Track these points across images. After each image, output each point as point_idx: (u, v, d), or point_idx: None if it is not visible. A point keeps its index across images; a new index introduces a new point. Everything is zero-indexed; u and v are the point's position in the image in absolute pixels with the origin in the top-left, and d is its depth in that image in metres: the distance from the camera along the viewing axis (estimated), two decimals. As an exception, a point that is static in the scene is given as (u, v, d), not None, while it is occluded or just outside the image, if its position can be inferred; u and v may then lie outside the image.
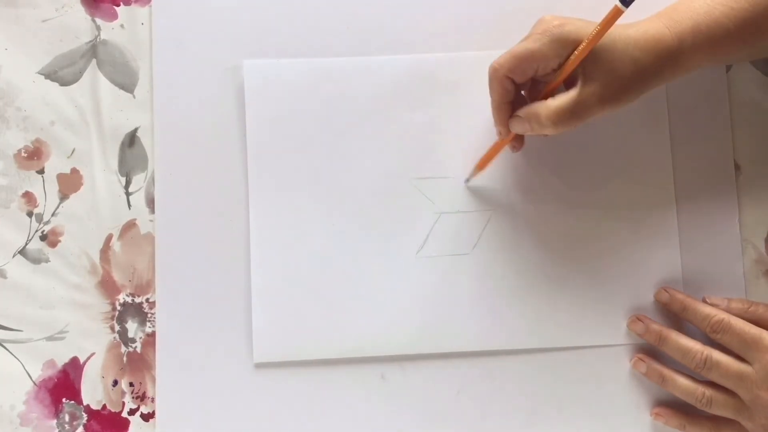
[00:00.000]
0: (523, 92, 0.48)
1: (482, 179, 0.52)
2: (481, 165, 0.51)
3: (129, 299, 0.52)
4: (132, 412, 0.52)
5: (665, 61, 0.45)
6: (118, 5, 0.54)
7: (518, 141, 0.50)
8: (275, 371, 0.51)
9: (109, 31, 0.53)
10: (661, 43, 0.45)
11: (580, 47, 0.43)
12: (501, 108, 0.47)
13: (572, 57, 0.44)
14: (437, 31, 0.53)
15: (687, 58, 0.46)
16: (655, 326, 0.50)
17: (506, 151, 0.51)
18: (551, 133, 0.46)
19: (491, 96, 0.47)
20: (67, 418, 0.52)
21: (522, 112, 0.46)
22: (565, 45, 0.44)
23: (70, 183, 0.53)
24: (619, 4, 0.40)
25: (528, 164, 0.52)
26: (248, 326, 0.51)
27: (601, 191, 0.52)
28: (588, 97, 0.44)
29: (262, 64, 0.52)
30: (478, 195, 0.52)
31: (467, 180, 0.52)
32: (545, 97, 0.46)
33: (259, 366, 0.51)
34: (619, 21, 0.42)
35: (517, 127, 0.47)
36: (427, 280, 0.51)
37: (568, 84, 0.46)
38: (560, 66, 0.45)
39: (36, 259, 0.52)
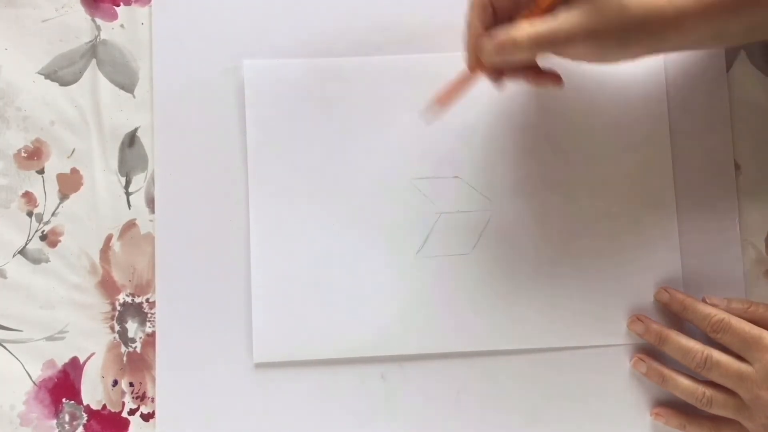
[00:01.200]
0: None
1: (483, 178, 0.52)
2: (442, 101, 0.48)
3: (129, 299, 0.52)
4: (132, 412, 0.52)
5: (654, 16, 0.41)
6: (118, 5, 0.54)
7: (496, 75, 0.46)
8: (275, 371, 0.51)
9: (109, 31, 0.53)
10: None
11: None
12: (476, 33, 0.44)
13: None
14: (437, 31, 0.53)
15: (677, 19, 0.41)
16: (655, 326, 0.50)
17: (506, 151, 0.51)
18: (527, 58, 0.43)
19: (469, 21, 0.45)
20: (67, 418, 0.52)
21: (495, 33, 0.43)
22: None
23: (70, 183, 0.53)
24: None
25: (528, 164, 0.52)
26: (248, 326, 0.51)
27: (601, 191, 0.52)
28: (567, 23, 0.41)
29: (262, 65, 0.52)
30: (478, 195, 0.52)
31: (424, 112, 0.50)
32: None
33: (259, 366, 0.51)
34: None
35: (487, 53, 0.44)
36: (427, 280, 0.51)
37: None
38: None
39: (36, 259, 0.52)
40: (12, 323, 0.52)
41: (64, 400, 0.52)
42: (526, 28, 0.42)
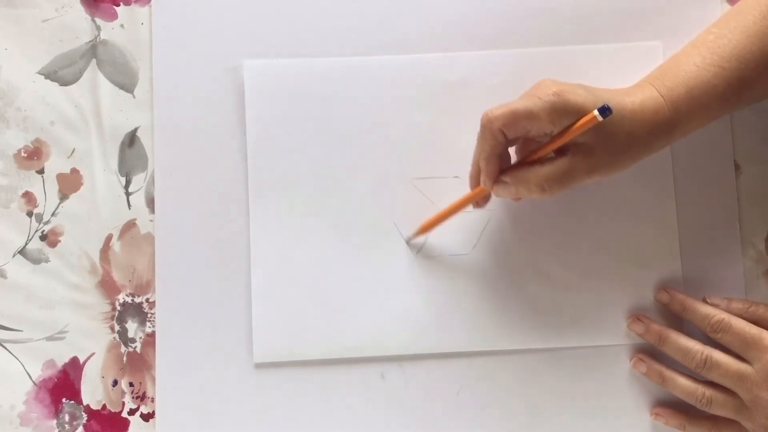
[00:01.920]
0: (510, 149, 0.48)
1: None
2: (430, 225, 0.50)
3: (129, 299, 0.52)
4: (132, 412, 0.52)
5: (660, 133, 0.45)
6: (118, 5, 0.54)
7: (484, 199, 0.49)
8: (275, 371, 0.51)
9: (109, 31, 0.53)
10: (657, 115, 0.45)
11: (577, 125, 0.43)
12: (490, 160, 0.46)
13: (568, 130, 0.43)
14: (437, 31, 0.53)
15: (681, 127, 0.46)
16: (656, 326, 0.50)
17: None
18: (536, 197, 0.46)
19: (481, 146, 0.46)
20: (67, 418, 0.52)
21: (508, 177, 0.46)
22: (564, 114, 0.43)
23: (70, 183, 0.53)
24: (598, 115, 0.42)
25: (528, 164, 0.52)
26: (248, 326, 0.51)
27: (601, 191, 0.52)
28: (577, 168, 0.44)
29: (263, 64, 0.52)
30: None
31: (408, 239, 0.51)
32: (533, 161, 0.45)
33: (259, 366, 0.51)
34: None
35: (502, 192, 0.46)
36: (427, 280, 0.51)
37: (559, 150, 0.45)
38: (553, 132, 0.44)
39: (36, 259, 0.52)
40: (12, 323, 0.52)
41: (64, 400, 0.52)
42: (539, 175, 0.45)
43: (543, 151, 0.45)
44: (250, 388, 0.51)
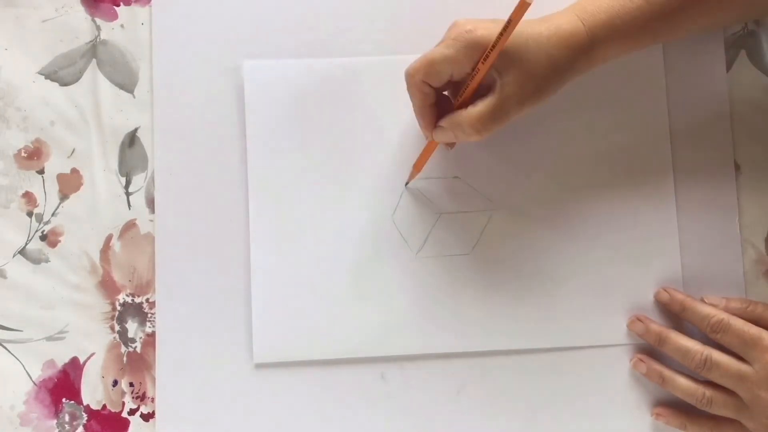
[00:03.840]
0: (446, 93, 0.48)
1: (483, 178, 0.52)
2: (418, 167, 0.51)
3: (129, 299, 0.52)
4: (132, 412, 0.52)
5: (578, 54, 0.45)
6: (118, 5, 0.54)
7: (449, 144, 0.50)
8: (275, 371, 0.51)
9: (109, 31, 0.53)
10: (573, 37, 0.45)
11: (489, 49, 0.43)
12: (423, 112, 0.47)
13: (483, 61, 0.43)
14: (437, 32, 0.53)
15: (600, 51, 0.46)
16: (655, 326, 0.50)
17: (506, 152, 0.51)
18: (475, 140, 0.46)
19: (412, 101, 0.47)
20: (67, 418, 0.52)
21: (444, 122, 0.46)
22: (477, 49, 0.44)
23: (70, 183, 0.53)
24: None
25: (528, 164, 0.52)
26: (248, 326, 0.51)
27: (601, 191, 0.52)
28: (506, 101, 0.44)
29: (262, 65, 0.52)
30: (479, 195, 0.52)
31: (407, 183, 0.52)
32: (464, 104, 0.45)
33: (259, 366, 0.51)
34: (531, 15, 0.41)
35: (441, 137, 0.47)
36: (427, 280, 0.51)
37: (487, 87, 0.45)
38: (474, 70, 0.44)
39: (36, 259, 0.52)
40: (12, 323, 0.52)
41: (64, 400, 0.52)
42: (470, 117, 0.45)
43: (469, 89, 0.45)
44: (250, 388, 0.51)
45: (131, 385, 0.52)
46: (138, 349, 0.52)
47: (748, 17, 0.52)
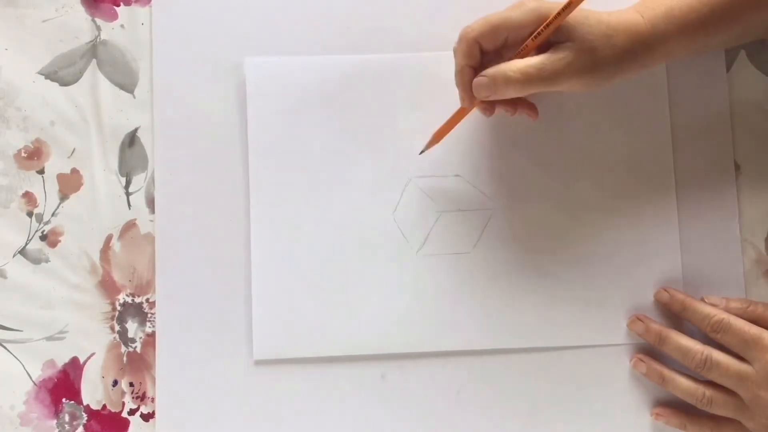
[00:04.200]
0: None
1: (484, 176, 0.52)
2: (439, 136, 0.50)
3: (129, 299, 0.52)
4: (132, 412, 0.52)
5: (639, 45, 0.45)
6: (118, 5, 0.54)
7: (488, 107, 0.49)
8: (275, 369, 0.51)
9: (109, 31, 0.54)
10: (633, 26, 0.45)
11: (552, 16, 0.44)
12: (464, 72, 0.46)
13: (545, 27, 0.44)
14: (438, 30, 0.53)
15: (660, 43, 0.46)
16: (655, 326, 0.50)
17: (507, 150, 0.51)
18: (517, 93, 0.46)
19: (456, 59, 0.47)
20: (67, 418, 0.52)
21: (488, 71, 0.46)
22: (540, 16, 0.44)
23: (70, 183, 0.53)
24: None
25: (529, 163, 0.52)
26: (248, 327, 0.51)
27: (601, 191, 0.52)
28: (557, 61, 0.44)
29: (264, 62, 0.52)
30: (479, 193, 0.52)
31: (422, 151, 0.51)
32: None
33: (259, 363, 0.51)
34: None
35: (481, 90, 0.46)
36: (427, 279, 0.51)
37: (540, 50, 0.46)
38: (531, 36, 0.45)
39: (36, 259, 0.52)
40: (12, 323, 0.52)
41: (64, 400, 0.52)
42: (518, 65, 0.45)
43: (524, 50, 0.45)
44: (250, 387, 0.51)
45: (131, 385, 0.52)
46: (138, 349, 0.52)
47: None
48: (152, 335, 0.52)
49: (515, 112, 0.49)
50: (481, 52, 0.46)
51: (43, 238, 0.52)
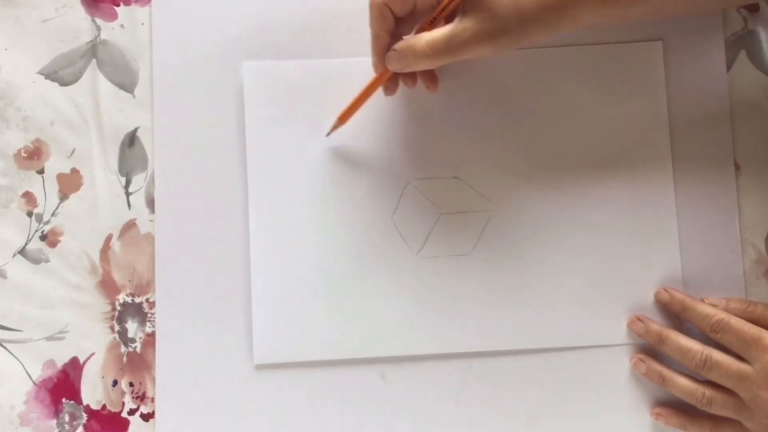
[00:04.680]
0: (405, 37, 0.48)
1: (483, 178, 0.52)
2: (346, 115, 0.50)
3: (129, 299, 0.52)
4: (132, 412, 0.52)
5: (547, 8, 0.44)
6: (118, 5, 0.54)
7: (391, 82, 0.49)
8: (275, 372, 0.51)
9: (109, 31, 0.53)
10: None
11: None
12: (378, 39, 0.47)
13: None
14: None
15: (571, 9, 0.44)
16: (655, 326, 0.50)
17: (506, 152, 0.51)
18: (425, 66, 0.46)
19: (370, 26, 0.47)
20: (67, 418, 0.52)
21: (398, 45, 0.46)
22: None
23: (70, 183, 0.53)
24: None
25: (528, 164, 0.52)
26: (248, 327, 0.51)
27: (601, 191, 0.52)
28: (463, 31, 0.44)
29: (262, 66, 0.52)
30: (478, 195, 0.52)
31: (328, 133, 0.51)
32: (421, 31, 0.46)
33: (260, 367, 0.51)
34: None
35: (392, 63, 0.47)
36: (427, 281, 0.51)
37: (448, 21, 0.46)
38: (439, 2, 0.45)
39: (36, 259, 0.52)
40: (12, 323, 0.52)
41: (64, 400, 0.52)
42: (425, 39, 0.45)
43: (433, 22, 0.46)
44: (250, 389, 0.51)
45: (131, 385, 0.52)
46: (138, 349, 0.52)
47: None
48: (152, 335, 0.52)
49: (415, 84, 0.50)
50: (395, 18, 0.46)
51: (43, 238, 0.52)
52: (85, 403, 0.52)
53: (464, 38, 0.44)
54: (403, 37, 0.48)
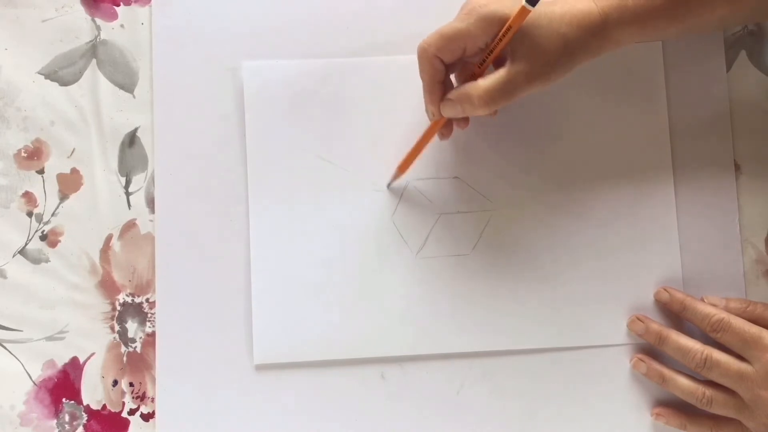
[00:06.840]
0: (453, 76, 0.48)
1: (483, 178, 0.52)
2: (405, 165, 0.50)
3: (129, 299, 0.52)
4: (132, 412, 0.52)
5: (591, 35, 0.45)
6: (118, 5, 0.54)
7: (447, 128, 0.50)
8: (275, 372, 0.51)
9: (109, 31, 0.53)
10: (587, 17, 0.45)
11: (505, 28, 0.43)
12: (432, 89, 0.47)
13: (499, 40, 0.44)
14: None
15: (613, 33, 0.45)
16: (655, 326, 0.50)
17: (506, 152, 0.51)
18: (482, 113, 0.46)
19: (422, 77, 0.47)
20: (67, 418, 0.52)
21: (452, 94, 0.46)
22: (492, 23, 0.44)
23: (70, 183, 0.53)
24: (526, 5, 0.41)
25: (528, 164, 0.52)
26: (248, 327, 0.51)
27: (601, 191, 0.52)
28: (516, 76, 0.44)
29: (262, 65, 0.52)
30: (478, 195, 0.52)
31: (389, 184, 0.52)
32: (475, 78, 0.46)
33: (260, 367, 0.51)
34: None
35: (448, 111, 0.47)
36: (427, 281, 0.51)
37: (497, 63, 0.45)
38: (488, 46, 0.45)
39: (36, 259, 0.52)
40: (12, 323, 0.52)
41: (64, 400, 0.52)
42: (482, 87, 0.45)
43: (483, 66, 0.45)
44: (250, 389, 0.51)
45: (131, 385, 0.52)
46: (138, 349, 0.52)
47: (755, 19, 0.52)
48: (152, 335, 0.52)
49: (467, 125, 0.50)
50: (443, 64, 0.46)
51: (43, 238, 0.52)
52: (85, 403, 0.52)
53: (518, 82, 0.45)
54: (452, 77, 0.48)
